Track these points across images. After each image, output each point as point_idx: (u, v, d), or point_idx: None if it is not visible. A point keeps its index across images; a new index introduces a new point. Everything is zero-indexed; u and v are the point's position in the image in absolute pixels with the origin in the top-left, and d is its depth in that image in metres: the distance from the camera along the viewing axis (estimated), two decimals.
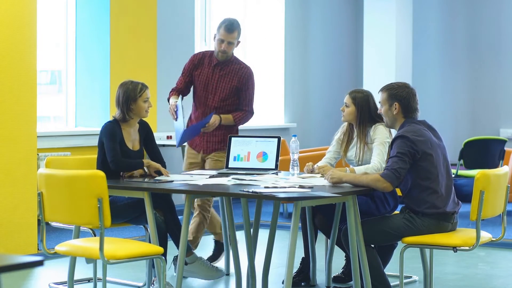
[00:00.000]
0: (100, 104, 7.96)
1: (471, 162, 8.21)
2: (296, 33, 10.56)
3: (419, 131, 4.72)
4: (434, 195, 4.65)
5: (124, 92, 5.13)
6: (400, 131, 4.74)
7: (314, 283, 5.55)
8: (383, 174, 4.61)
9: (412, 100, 4.80)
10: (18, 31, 6.34)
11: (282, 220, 7.96)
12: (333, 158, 5.49)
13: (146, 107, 5.15)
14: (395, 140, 4.70)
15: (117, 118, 5.15)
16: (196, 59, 5.92)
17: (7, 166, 6.28)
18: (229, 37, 5.76)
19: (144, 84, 5.21)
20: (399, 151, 4.62)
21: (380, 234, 4.72)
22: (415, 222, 4.66)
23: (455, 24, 10.98)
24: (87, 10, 7.97)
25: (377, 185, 4.61)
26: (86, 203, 4.07)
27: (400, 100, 4.79)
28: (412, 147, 4.62)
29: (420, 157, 4.64)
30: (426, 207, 4.65)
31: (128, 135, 5.18)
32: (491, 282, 5.75)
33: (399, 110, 4.79)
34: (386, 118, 4.87)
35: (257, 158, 5.44)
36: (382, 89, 4.88)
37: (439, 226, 4.68)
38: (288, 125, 10.38)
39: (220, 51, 5.80)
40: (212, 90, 5.85)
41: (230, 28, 5.77)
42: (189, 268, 5.35)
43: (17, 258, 2.45)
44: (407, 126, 4.74)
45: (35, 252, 6.39)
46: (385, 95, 4.84)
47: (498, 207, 4.72)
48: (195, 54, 6.01)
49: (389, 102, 4.81)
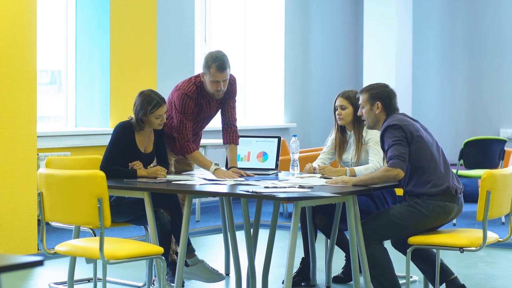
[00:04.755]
0: (100, 104, 7.96)
1: (471, 162, 8.20)
2: (296, 33, 10.56)
3: (402, 118, 4.76)
4: (434, 174, 4.65)
5: (139, 103, 5.07)
6: (384, 124, 4.75)
7: (314, 283, 5.55)
8: (389, 164, 4.61)
9: (393, 98, 4.83)
10: (18, 31, 6.34)
11: (282, 220, 7.96)
12: (327, 158, 5.50)
13: (158, 122, 5.07)
14: (384, 132, 4.70)
15: (131, 122, 5.14)
16: (194, 97, 5.34)
17: (7, 166, 6.28)
18: (223, 76, 5.26)
19: (160, 101, 5.04)
20: (393, 139, 4.64)
21: (387, 226, 4.68)
22: (420, 207, 4.63)
23: (455, 24, 10.98)
24: (87, 10, 7.97)
25: (389, 174, 4.61)
26: (86, 203, 4.06)
27: (382, 99, 4.80)
28: (402, 131, 4.65)
29: (411, 139, 4.65)
30: (429, 187, 4.63)
31: (142, 138, 5.16)
32: (491, 282, 5.75)
33: (382, 109, 4.80)
34: (368, 119, 4.85)
35: (257, 158, 5.44)
36: (361, 91, 4.89)
37: (445, 208, 4.65)
38: (288, 125, 10.38)
39: (216, 92, 5.31)
40: (209, 117, 5.56)
41: (223, 67, 5.25)
42: (190, 270, 5.34)
43: (17, 258, 2.45)
44: (389, 118, 4.77)
45: (35, 252, 6.39)
46: (366, 96, 4.84)
47: (505, 207, 4.70)
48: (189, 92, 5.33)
49: (371, 102, 4.82)
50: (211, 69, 5.24)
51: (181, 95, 5.32)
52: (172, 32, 8.82)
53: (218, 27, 9.80)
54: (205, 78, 5.31)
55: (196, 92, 5.34)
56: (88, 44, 8.00)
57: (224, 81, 5.29)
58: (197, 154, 5.37)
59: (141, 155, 5.13)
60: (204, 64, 5.31)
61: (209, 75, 5.26)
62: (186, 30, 9.07)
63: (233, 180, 5.01)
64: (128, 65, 7.94)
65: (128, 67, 7.94)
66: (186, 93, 5.32)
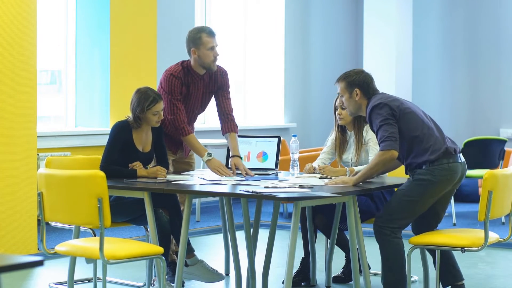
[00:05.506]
0: (100, 104, 7.95)
1: (471, 162, 8.18)
2: (296, 33, 10.56)
3: (385, 95, 4.77)
4: (431, 140, 4.65)
5: (135, 100, 5.09)
6: (369, 106, 4.73)
7: (314, 283, 5.55)
8: (381, 147, 4.61)
9: (370, 82, 4.82)
10: (18, 31, 6.34)
11: (282, 220, 7.96)
12: (327, 158, 5.50)
13: (155, 119, 5.08)
14: (371, 114, 4.68)
15: (128, 121, 5.14)
16: (180, 77, 5.35)
17: (7, 166, 6.28)
18: (215, 41, 5.34)
19: (156, 97, 5.07)
20: (381, 120, 4.62)
21: (399, 208, 4.62)
22: (425, 175, 4.62)
23: (455, 24, 10.98)
24: (87, 10, 7.97)
25: (384, 158, 4.59)
26: (86, 203, 4.06)
27: (359, 85, 4.80)
28: (389, 108, 4.64)
29: (399, 114, 4.65)
30: (429, 154, 4.63)
31: (140, 137, 5.16)
32: (491, 282, 5.75)
33: (361, 95, 4.80)
34: (350, 107, 4.84)
35: (257, 158, 5.44)
36: (338, 80, 4.88)
37: (449, 169, 4.63)
38: (288, 125, 10.38)
39: (214, 59, 5.33)
40: (198, 104, 5.52)
41: (212, 32, 5.34)
42: (189, 270, 5.34)
43: (17, 258, 2.45)
44: (372, 100, 4.75)
45: (35, 252, 6.39)
46: (343, 84, 4.84)
47: (506, 207, 4.69)
48: (175, 72, 5.35)
49: (349, 90, 4.81)
50: (202, 38, 5.29)
51: (167, 75, 5.35)
52: (172, 32, 8.82)
53: (218, 27, 9.79)
54: (198, 53, 5.31)
55: (182, 73, 5.34)
56: (88, 44, 8.00)
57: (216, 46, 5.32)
58: (192, 137, 5.35)
59: (139, 154, 5.13)
60: (191, 39, 5.33)
61: (202, 46, 5.28)
62: (186, 30, 9.02)
63: (233, 180, 5.01)
64: (128, 65, 7.94)
65: (128, 67, 7.94)
66: (171, 73, 5.34)
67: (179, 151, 5.58)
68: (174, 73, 5.33)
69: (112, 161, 5.04)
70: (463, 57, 10.92)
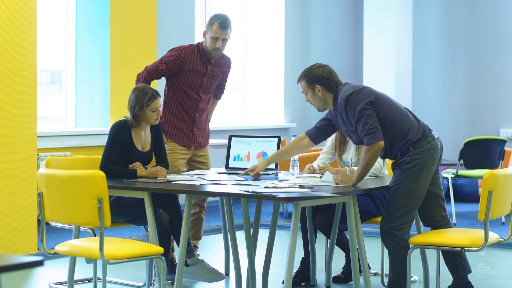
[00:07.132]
0: (100, 104, 7.96)
1: (471, 162, 8.20)
2: (296, 33, 10.56)
3: (353, 85, 4.75)
4: (408, 121, 4.68)
5: (133, 98, 5.09)
6: (340, 99, 4.69)
7: (314, 283, 5.55)
8: (366, 142, 4.60)
9: (331, 76, 4.78)
10: (18, 31, 6.34)
11: (282, 220, 7.96)
12: (327, 158, 5.50)
13: (154, 116, 5.09)
14: (346, 105, 4.65)
15: (127, 121, 5.14)
16: (183, 55, 5.55)
17: (7, 166, 6.28)
18: (223, 34, 5.54)
19: (154, 93, 5.08)
20: (359, 112, 4.60)
21: (399, 204, 4.63)
22: (412, 163, 4.64)
23: (455, 24, 10.98)
24: (87, 10, 7.97)
25: (372, 152, 4.58)
26: (86, 203, 4.06)
27: (319, 81, 4.77)
28: (363, 97, 4.62)
29: (376, 99, 4.65)
30: (411, 136, 4.65)
31: (139, 136, 5.16)
32: (491, 282, 5.75)
33: (323, 91, 4.77)
34: (316, 104, 4.82)
35: (257, 158, 5.44)
36: (298, 79, 4.86)
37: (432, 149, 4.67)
38: (288, 125, 10.38)
39: (214, 49, 5.56)
40: (203, 88, 5.68)
41: (225, 25, 5.53)
42: (190, 269, 5.35)
43: (17, 258, 2.45)
44: (341, 91, 4.72)
45: (35, 252, 6.39)
46: (303, 82, 4.83)
47: (506, 207, 4.69)
48: (181, 49, 5.59)
49: (311, 87, 4.79)
50: (213, 25, 5.52)
51: (174, 48, 5.64)
52: (172, 32, 8.82)
53: None
54: (206, 36, 5.56)
55: (186, 51, 5.55)
56: (88, 44, 8.00)
57: (224, 40, 5.56)
58: None
59: (138, 154, 5.13)
60: (208, 22, 5.58)
61: (210, 32, 5.52)
62: (186, 30, 9.07)
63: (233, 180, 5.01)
64: (128, 65, 7.93)
65: (128, 67, 7.94)
66: (178, 47, 5.61)
67: (192, 145, 5.69)
68: (180, 48, 5.58)
69: (112, 161, 5.04)
70: (464, 57, 10.92)
